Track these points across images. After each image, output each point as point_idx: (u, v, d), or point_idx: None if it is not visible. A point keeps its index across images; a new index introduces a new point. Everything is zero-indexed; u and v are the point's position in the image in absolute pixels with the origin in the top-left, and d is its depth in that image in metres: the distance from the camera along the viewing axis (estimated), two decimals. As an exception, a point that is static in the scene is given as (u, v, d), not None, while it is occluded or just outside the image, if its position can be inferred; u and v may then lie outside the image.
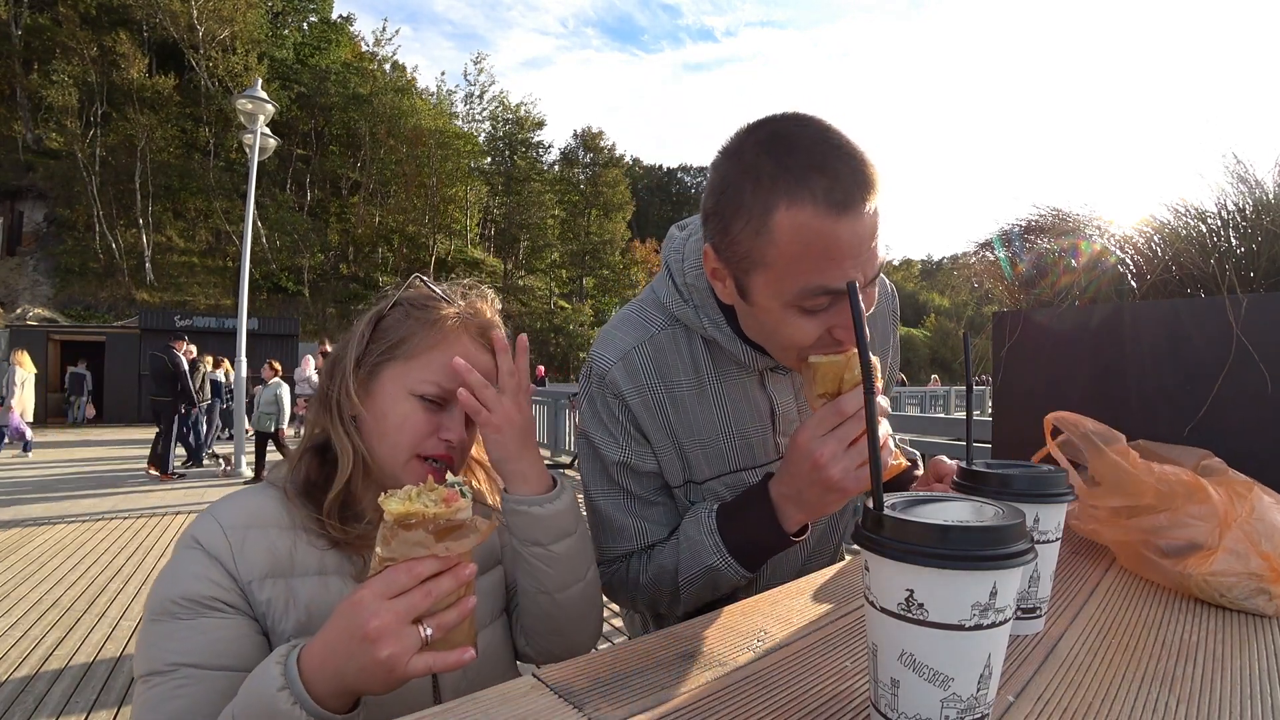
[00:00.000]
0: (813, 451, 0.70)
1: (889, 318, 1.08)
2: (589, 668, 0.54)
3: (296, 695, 0.55)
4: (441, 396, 0.76)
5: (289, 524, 0.72)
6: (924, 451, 1.07)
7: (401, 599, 0.55)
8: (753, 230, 0.70)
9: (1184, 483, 0.77)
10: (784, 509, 0.80)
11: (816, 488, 0.72)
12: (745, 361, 0.88)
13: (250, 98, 8.59)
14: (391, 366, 0.77)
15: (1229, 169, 1.09)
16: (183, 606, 0.65)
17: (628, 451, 0.92)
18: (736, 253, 0.74)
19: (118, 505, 6.76)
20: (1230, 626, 0.66)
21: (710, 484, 0.92)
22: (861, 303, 0.53)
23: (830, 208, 0.66)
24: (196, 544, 0.69)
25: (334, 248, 33.12)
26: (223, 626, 0.66)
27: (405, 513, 0.55)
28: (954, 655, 0.40)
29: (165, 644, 0.64)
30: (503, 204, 41.50)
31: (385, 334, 0.78)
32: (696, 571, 0.87)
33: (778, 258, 0.70)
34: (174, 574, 0.67)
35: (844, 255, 0.68)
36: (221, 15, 29.05)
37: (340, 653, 0.55)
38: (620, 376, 0.90)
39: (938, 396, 16.28)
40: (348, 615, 0.55)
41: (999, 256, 1.37)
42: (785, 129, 0.71)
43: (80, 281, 24.36)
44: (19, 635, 3.54)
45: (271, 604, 0.68)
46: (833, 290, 0.70)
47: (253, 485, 0.77)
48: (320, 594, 0.71)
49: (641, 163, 67.19)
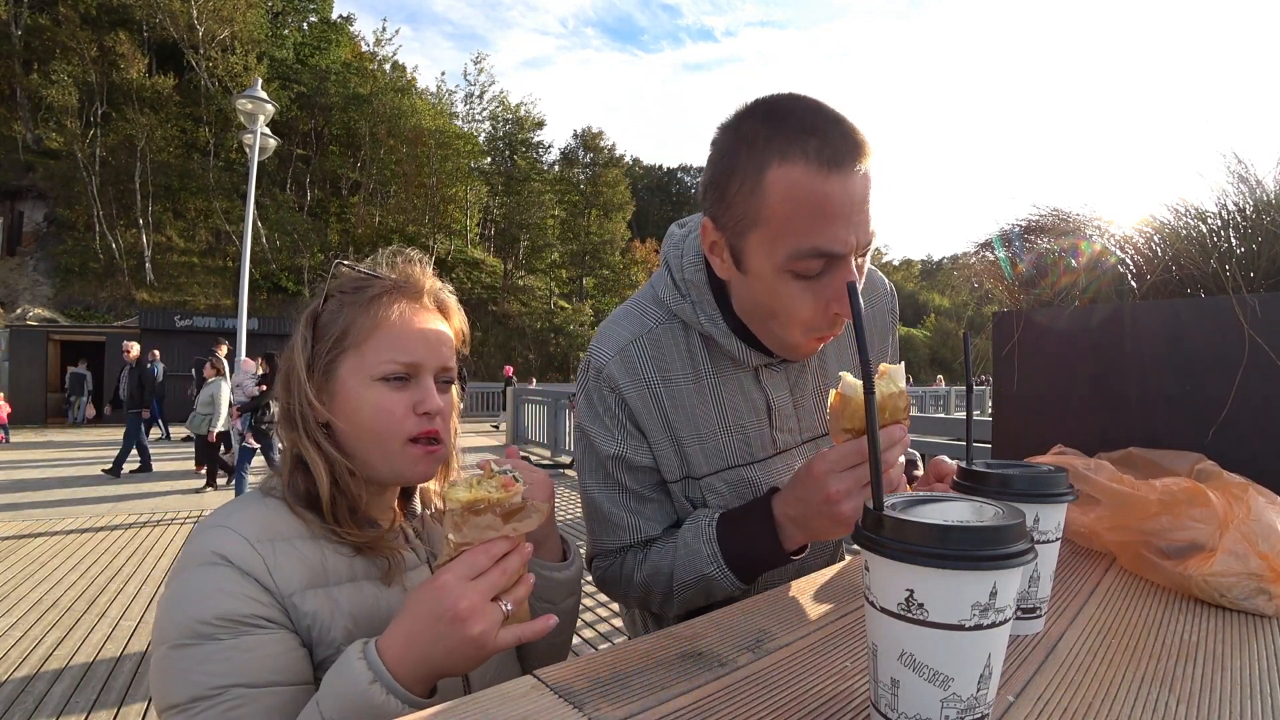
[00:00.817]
0: (828, 486, 0.71)
1: (887, 316, 1.08)
2: (589, 668, 0.54)
3: (387, 685, 0.56)
4: (404, 372, 0.74)
5: (309, 534, 0.71)
6: (924, 452, 1.07)
7: (482, 579, 0.59)
8: (748, 190, 0.73)
9: (1185, 489, 0.77)
10: (786, 528, 0.80)
11: (825, 519, 0.73)
12: (740, 358, 0.89)
13: (250, 98, 8.60)
14: (344, 360, 0.74)
15: (1229, 169, 1.09)
16: (219, 627, 0.61)
17: (623, 446, 0.92)
18: (732, 217, 0.76)
19: (117, 506, 6.76)
20: (1230, 626, 0.66)
21: (709, 479, 0.92)
22: (861, 302, 0.53)
23: (821, 164, 0.68)
24: (224, 560, 0.64)
25: (334, 248, 33.03)
26: (268, 642, 0.63)
27: (473, 499, 0.60)
28: (954, 655, 0.40)
29: (204, 667, 0.60)
30: (503, 204, 41.47)
31: (326, 330, 0.75)
32: (691, 579, 0.87)
33: (771, 216, 0.72)
34: (199, 593, 0.62)
35: (835, 214, 0.70)
36: (221, 15, 29.00)
37: (425, 638, 0.58)
38: (617, 370, 0.90)
39: (938, 396, 16.29)
40: (430, 600, 0.58)
41: (999, 256, 1.37)
42: (779, 101, 0.74)
43: (80, 281, 24.34)
44: (19, 635, 3.54)
45: (317, 615, 0.67)
46: (825, 252, 0.71)
47: (250, 495, 0.75)
48: (358, 599, 0.70)
49: (641, 163, 67.13)
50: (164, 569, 4.71)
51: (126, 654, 3.35)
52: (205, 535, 0.67)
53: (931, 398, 16.08)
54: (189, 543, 0.68)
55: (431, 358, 0.76)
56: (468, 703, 0.48)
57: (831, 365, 0.99)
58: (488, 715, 0.46)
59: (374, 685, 0.56)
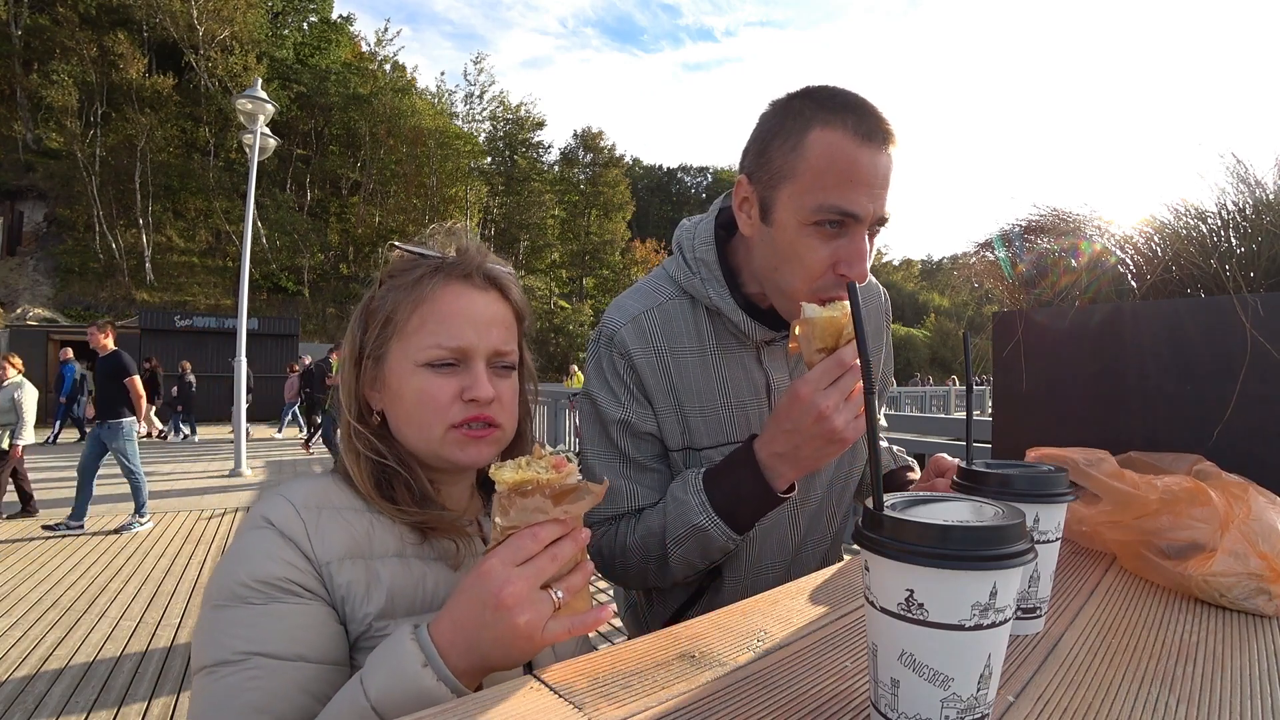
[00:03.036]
0: (818, 403, 0.72)
1: (883, 318, 1.11)
2: (589, 668, 0.54)
3: (438, 671, 0.53)
4: (450, 358, 0.71)
5: (362, 506, 0.70)
6: (924, 452, 1.08)
7: (529, 565, 0.55)
8: (789, 147, 0.82)
9: (1186, 489, 0.77)
10: (774, 467, 0.82)
11: (818, 440, 0.75)
12: (745, 331, 0.94)
13: (250, 98, 8.59)
14: (392, 347, 0.72)
15: (1229, 169, 1.08)
16: (254, 590, 0.60)
17: (629, 411, 0.95)
18: (769, 170, 0.84)
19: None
20: (1230, 626, 0.66)
21: (708, 452, 0.96)
22: (860, 301, 0.54)
23: (858, 135, 0.78)
24: (268, 523, 0.64)
25: (334, 248, 33.07)
26: (298, 613, 0.61)
27: (520, 480, 0.56)
28: (954, 655, 0.40)
29: (233, 630, 0.59)
30: (503, 204, 41.45)
31: (375, 317, 0.73)
32: (683, 532, 0.89)
33: (806, 170, 0.80)
34: (242, 555, 0.62)
35: (862, 180, 0.78)
36: (221, 15, 29.00)
37: (472, 626, 0.55)
38: (629, 336, 0.95)
39: (937, 396, 16.29)
40: (477, 586, 0.55)
41: (999, 256, 1.36)
42: (827, 87, 0.84)
43: (80, 281, 24.34)
44: (19, 635, 3.54)
45: (352, 586, 0.64)
46: (846, 212, 0.79)
47: (314, 472, 0.74)
48: (402, 575, 0.67)
49: (641, 163, 67.04)
50: (164, 569, 4.71)
51: (126, 654, 3.35)
52: (261, 503, 0.67)
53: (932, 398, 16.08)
54: (249, 511, 0.68)
55: (482, 342, 0.72)
56: (468, 702, 0.48)
57: None
58: (488, 715, 0.46)
59: (425, 669, 0.53)
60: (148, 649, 3.43)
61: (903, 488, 1.08)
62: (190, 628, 3.71)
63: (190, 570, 4.69)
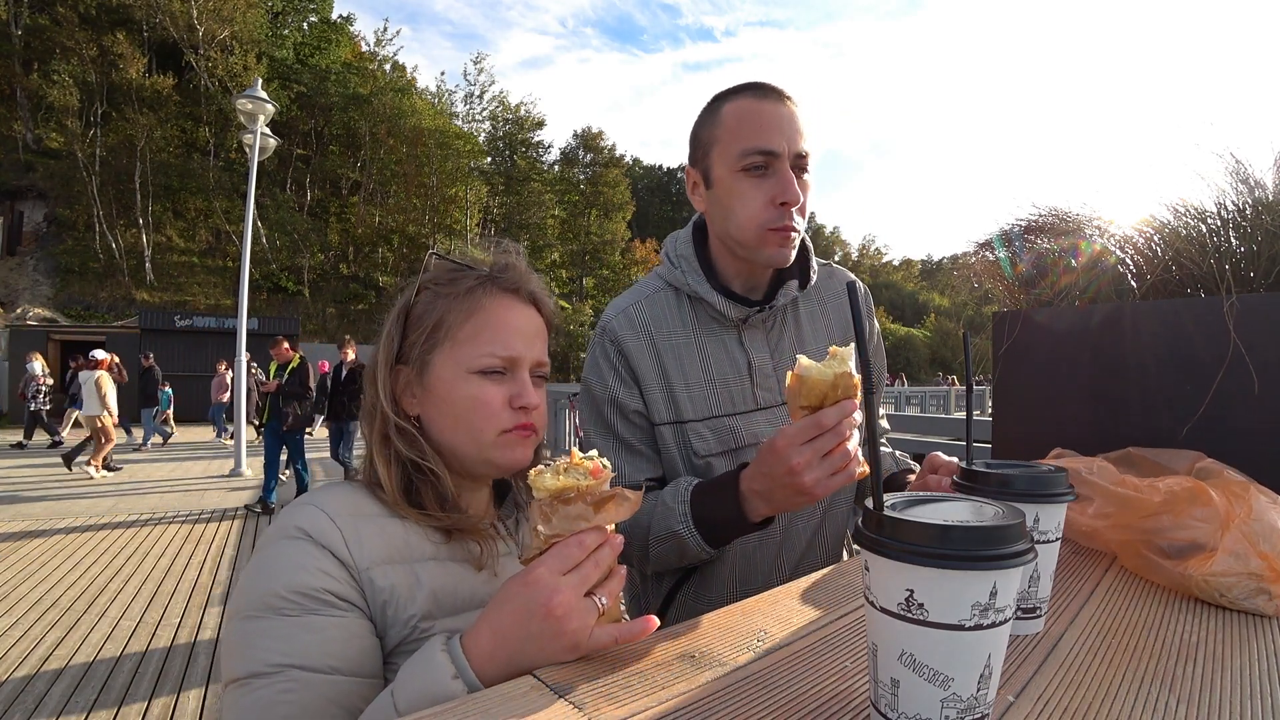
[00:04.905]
0: (790, 459, 0.74)
1: (865, 317, 1.12)
2: (589, 668, 0.54)
3: (469, 684, 0.53)
4: (502, 366, 0.73)
5: (393, 514, 0.70)
6: (924, 452, 1.08)
7: (575, 572, 0.55)
8: (710, 124, 1.00)
9: (1187, 489, 0.77)
10: (751, 501, 0.85)
11: (788, 490, 0.77)
12: (723, 312, 1.04)
13: (250, 98, 8.59)
14: (439, 352, 0.73)
15: (1229, 169, 1.08)
16: (289, 601, 0.60)
17: (617, 388, 1.05)
18: (701, 148, 1.02)
19: (117, 505, 6.76)
20: (1230, 626, 0.66)
21: (694, 425, 1.04)
22: (860, 302, 0.56)
23: (757, 95, 0.97)
24: (302, 533, 0.63)
25: (334, 248, 33.07)
26: (334, 625, 0.61)
27: (562, 487, 0.56)
28: (954, 655, 0.40)
29: (266, 642, 0.58)
30: (503, 204, 41.45)
31: (420, 322, 0.74)
32: (664, 534, 0.95)
33: (724, 132, 0.97)
34: (275, 565, 0.62)
35: (770, 124, 0.94)
36: (221, 15, 29.00)
37: (516, 635, 0.54)
38: (619, 325, 1.06)
39: (937, 396, 16.29)
40: (523, 595, 0.54)
41: (999, 256, 1.37)
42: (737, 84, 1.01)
43: (80, 281, 24.33)
44: (19, 635, 3.54)
45: (395, 590, 0.64)
46: (764, 149, 0.93)
47: (337, 481, 0.74)
48: (442, 578, 0.68)
49: (641, 163, 66.92)
50: (164, 569, 4.71)
51: (126, 654, 3.35)
52: (290, 513, 0.66)
53: (932, 398, 16.08)
54: (274, 521, 0.67)
55: (529, 352, 0.75)
56: (468, 702, 0.48)
57: (808, 337, 1.11)
58: (488, 715, 0.46)
59: (456, 681, 0.53)
60: (148, 649, 3.43)
61: (900, 487, 1.08)
62: (190, 627, 3.71)
63: (190, 570, 4.69)
